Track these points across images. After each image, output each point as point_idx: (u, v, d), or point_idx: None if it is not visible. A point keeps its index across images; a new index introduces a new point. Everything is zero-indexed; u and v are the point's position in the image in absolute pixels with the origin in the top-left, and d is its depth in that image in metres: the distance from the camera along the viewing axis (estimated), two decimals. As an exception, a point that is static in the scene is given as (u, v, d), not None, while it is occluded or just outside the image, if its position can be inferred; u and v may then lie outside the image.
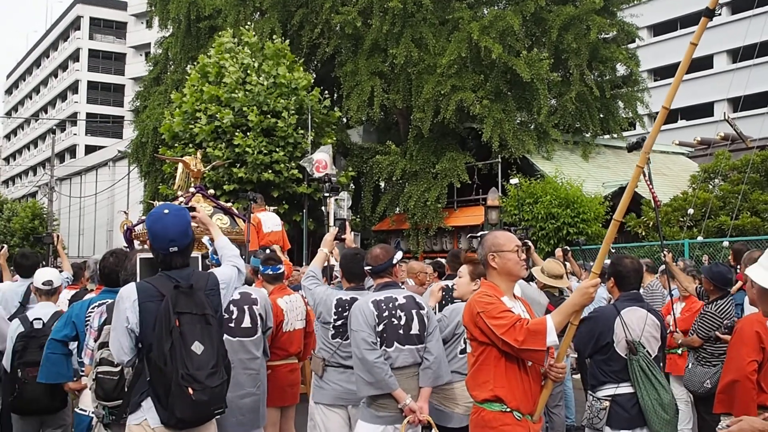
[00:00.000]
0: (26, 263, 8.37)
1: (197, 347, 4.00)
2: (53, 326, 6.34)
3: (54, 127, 61.32)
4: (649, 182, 5.25)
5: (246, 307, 6.30)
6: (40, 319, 6.63)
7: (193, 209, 5.03)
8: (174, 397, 3.93)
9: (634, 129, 30.62)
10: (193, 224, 4.56)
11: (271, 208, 13.31)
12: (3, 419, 6.80)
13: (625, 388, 5.21)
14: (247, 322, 6.21)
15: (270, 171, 21.81)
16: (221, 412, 4.16)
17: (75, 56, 78.71)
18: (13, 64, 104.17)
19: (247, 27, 24.46)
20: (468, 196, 24.58)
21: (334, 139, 23.94)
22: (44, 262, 11.19)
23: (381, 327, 5.34)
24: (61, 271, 8.45)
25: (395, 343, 5.35)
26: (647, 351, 5.21)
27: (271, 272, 7.13)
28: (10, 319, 7.02)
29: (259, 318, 6.28)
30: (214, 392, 4.02)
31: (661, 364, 5.43)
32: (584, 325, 5.38)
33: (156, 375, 4.00)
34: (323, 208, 20.09)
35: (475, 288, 5.90)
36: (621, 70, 26.95)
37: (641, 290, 6.08)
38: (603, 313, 5.53)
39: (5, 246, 8.43)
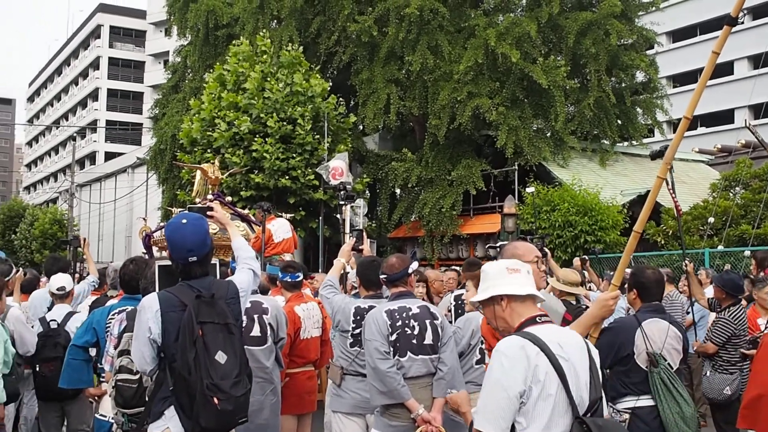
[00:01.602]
0: (55, 267, 8.75)
1: (221, 357, 4.01)
2: (66, 327, 7.19)
3: (74, 134, 61.75)
4: (672, 191, 5.20)
5: (256, 316, 6.28)
6: (55, 320, 7.32)
7: (210, 208, 5.07)
8: (199, 407, 3.93)
9: (653, 136, 30.47)
10: (211, 230, 4.57)
11: (288, 215, 13.33)
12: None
13: (645, 401, 5.16)
14: (256, 331, 6.19)
15: (287, 177, 21.85)
16: (245, 421, 4.17)
17: (95, 64, 79.30)
18: (35, 72, 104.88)
19: (262, 34, 24.51)
20: (484, 203, 24.51)
21: (350, 146, 23.95)
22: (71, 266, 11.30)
23: (394, 336, 5.33)
24: (87, 275, 8.73)
25: (408, 353, 5.33)
26: (668, 363, 5.16)
27: (289, 279, 7.13)
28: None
29: (269, 327, 6.26)
30: (239, 401, 4.03)
31: (683, 377, 5.38)
32: (604, 336, 5.32)
33: (180, 384, 4.00)
34: (339, 215, 20.12)
35: None
36: (640, 76, 26.82)
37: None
38: (623, 324, 5.48)
39: (21, 269, 8.53)
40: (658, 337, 5.22)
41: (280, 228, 11.65)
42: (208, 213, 5.08)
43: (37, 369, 7.23)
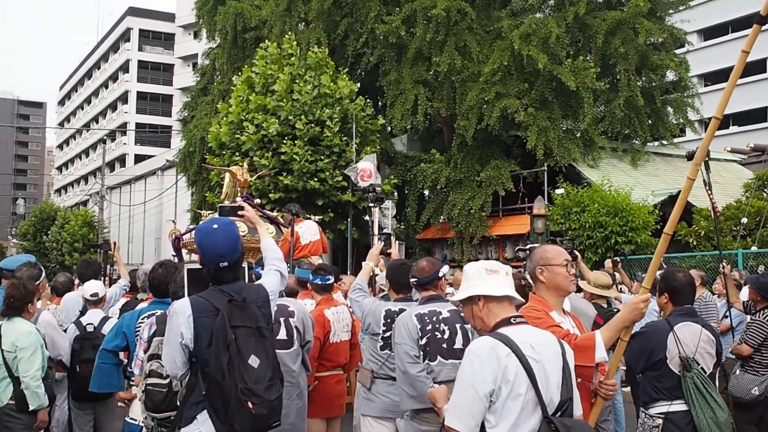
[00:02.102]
0: (89, 271, 8.95)
1: (254, 361, 3.99)
2: (103, 330, 7.28)
3: (105, 137, 62.26)
4: (709, 191, 5.12)
5: (282, 320, 6.24)
6: (91, 323, 7.47)
7: (241, 208, 5.07)
8: (233, 411, 3.92)
9: (685, 135, 30.20)
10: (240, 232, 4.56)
11: (316, 216, 13.33)
12: None
13: (678, 406, 5.09)
14: (282, 335, 6.15)
15: (315, 179, 21.88)
16: (278, 425, 4.14)
17: (125, 67, 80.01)
18: (65, 76, 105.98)
19: (288, 36, 24.57)
20: (513, 204, 24.42)
21: (378, 147, 23.94)
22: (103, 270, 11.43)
23: (424, 340, 5.30)
24: (118, 278, 8.84)
25: (438, 357, 5.30)
26: (702, 368, 5.09)
27: (320, 282, 7.11)
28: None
29: (295, 331, 6.24)
30: (273, 405, 4.02)
31: (716, 382, 5.30)
32: (636, 341, 5.27)
33: (214, 389, 3.99)
34: (367, 217, 20.10)
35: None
36: (670, 75, 26.58)
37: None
38: (655, 328, 5.41)
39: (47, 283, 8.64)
40: (690, 340, 5.15)
41: (308, 230, 11.61)
42: (239, 213, 5.08)
43: (77, 369, 7.36)
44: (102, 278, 10.54)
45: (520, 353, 3.31)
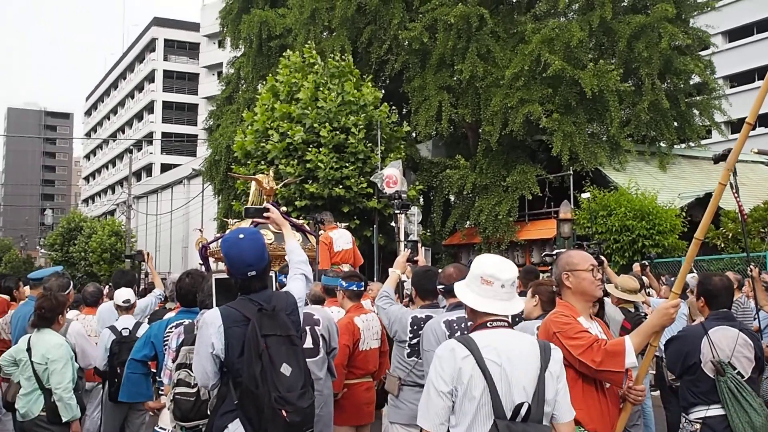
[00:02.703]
0: (123, 281, 9.06)
1: (286, 369, 4.00)
2: (138, 333, 7.56)
3: (131, 147, 62.67)
4: (736, 194, 5.08)
5: (308, 328, 6.26)
6: (126, 327, 7.75)
7: (266, 209, 5.07)
8: (267, 420, 3.93)
9: (711, 137, 29.98)
10: (267, 240, 4.57)
11: (343, 224, 13.35)
12: None
13: (715, 410, 5.07)
14: (309, 343, 6.18)
15: (341, 186, 21.92)
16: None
17: (150, 77, 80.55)
18: (92, 86, 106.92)
19: (308, 45, 24.63)
20: (539, 209, 24.34)
21: (404, 154, 23.94)
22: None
23: (453, 348, 5.28)
24: (153, 289, 8.96)
25: (467, 364, 5.28)
26: (738, 372, 5.06)
27: (355, 288, 7.11)
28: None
29: (321, 339, 6.25)
30: (306, 412, 4.03)
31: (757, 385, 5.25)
32: (672, 345, 5.30)
33: (247, 398, 3.99)
34: (393, 223, 20.09)
35: (536, 304, 5.83)
36: (695, 78, 26.39)
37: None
38: (690, 332, 5.41)
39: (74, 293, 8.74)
40: (725, 345, 5.12)
41: (341, 238, 11.61)
42: (265, 214, 5.08)
43: (117, 371, 7.57)
44: (136, 288, 10.68)
45: (478, 356, 3.41)
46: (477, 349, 3.43)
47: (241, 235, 4.31)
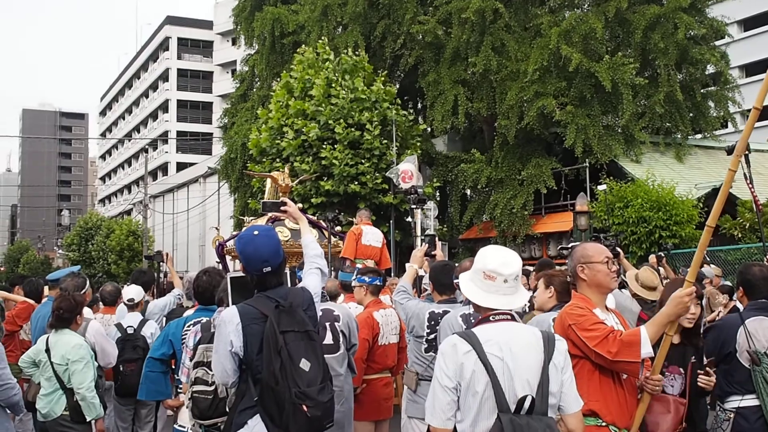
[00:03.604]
0: (141, 280, 9.25)
1: (305, 364, 4.02)
2: (142, 332, 7.97)
3: (146, 146, 62.87)
4: (749, 183, 5.09)
5: (327, 324, 6.29)
6: (132, 326, 8.01)
7: (284, 203, 5.09)
8: (288, 416, 3.95)
9: (726, 128, 29.81)
10: (283, 237, 4.59)
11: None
12: None
13: (750, 400, 5.09)
14: (329, 339, 6.20)
15: (356, 183, 21.91)
16: (331, 425, 4.18)
17: (164, 76, 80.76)
18: (106, 86, 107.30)
19: (321, 41, 24.62)
20: (555, 202, 24.27)
21: (419, 151, 23.88)
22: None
23: (470, 342, 5.28)
24: (172, 288, 9.05)
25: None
26: None
27: (378, 283, 7.12)
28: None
29: (341, 335, 6.28)
30: (326, 407, 4.05)
31: None
32: (709, 334, 5.33)
33: (267, 395, 4.02)
34: (410, 218, 20.05)
35: (551, 296, 5.84)
36: (710, 68, 26.25)
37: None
38: (727, 322, 5.44)
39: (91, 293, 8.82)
40: (762, 335, 5.13)
41: (372, 234, 11.58)
42: (282, 208, 5.10)
43: (120, 369, 7.82)
44: (155, 287, 10.77)
45: (480, 350, 3.43)
46: (479, 344, 3.45)
47: (256, 232, 4.35)
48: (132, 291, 8.29)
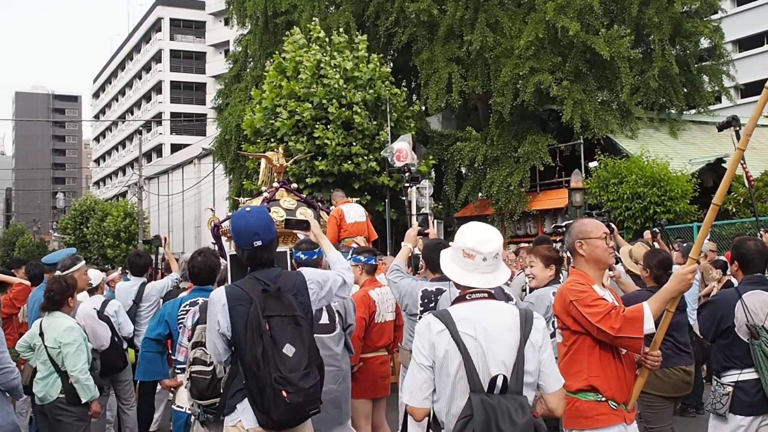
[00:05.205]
0: (139, 262, 9.22)
1: (288, 350, 4.01)
2: (105, 312, 7.80)
3: (140, 128, 62.71)
4: (742, 160, 5.09)
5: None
6: (95, 308, 7.77)
7: (307, 222, 5.15)
8: (268, 400, 3.96)
9: (721, 103, 29.79)
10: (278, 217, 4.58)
11: (354, 199, 13.34)
12: None
13: (749, 374, 5.12)
14: (325, 319, 6.18)
15: (350, 162, 21.86)
16: (316, 412, 4.18)
17: (157, 57, 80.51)
18: (99, 68, 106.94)
19: (313, 22, 24.47)
20: (550, 178, 24.25)
21: (414, 132, 23.80)
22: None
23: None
24: (169, 272, 9.02)
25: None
26: None
27: (374, 262, 7.12)
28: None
29: (337, 315, 6.28)
30: (308, 393, 4.03)
31: None
32: (705, 310, 5.34)
33: (250, 378, 4.03)
34: (405, 197, 20.04)
35: (551, 274, 5.82)
36: (704, 43, 26.22)
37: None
38: (724, 297, 5.44)
39: (119, 269, 8.86)
40: (760, 309, 5.15)
41: (353, 210, 11.53)
42: (305, 227, 5.16)
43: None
44: (152, 270, 10.72)
45: (453, 330, 3.40)
46: (453, 323, 3.43)
47: (248, 209, 4.39)
48: (90, 275, 8.14)
